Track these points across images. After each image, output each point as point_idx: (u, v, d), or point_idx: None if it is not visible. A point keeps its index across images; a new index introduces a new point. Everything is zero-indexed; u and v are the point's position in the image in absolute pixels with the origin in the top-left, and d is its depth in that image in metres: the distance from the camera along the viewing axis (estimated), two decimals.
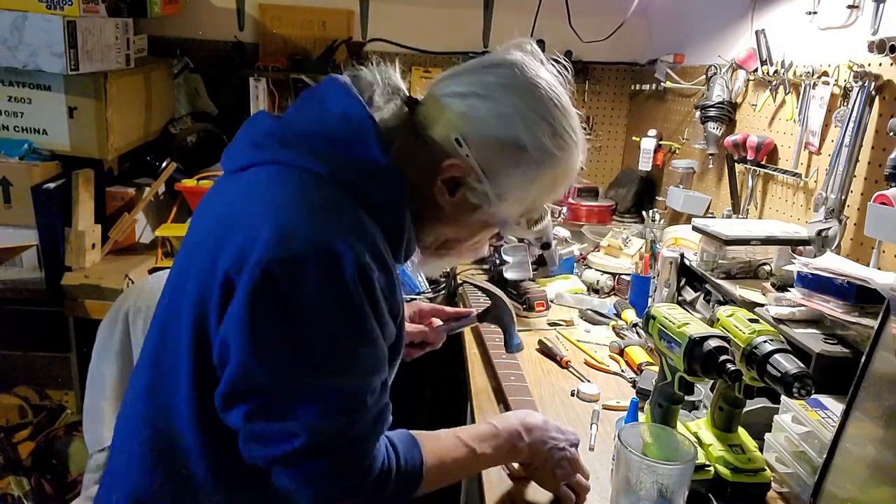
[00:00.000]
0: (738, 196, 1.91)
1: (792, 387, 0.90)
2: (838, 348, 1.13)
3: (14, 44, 1.84)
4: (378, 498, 0.84)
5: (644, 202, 2.61)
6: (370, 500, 0.84)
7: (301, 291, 0.77)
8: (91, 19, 1.95)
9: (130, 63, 2.20)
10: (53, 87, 1.99)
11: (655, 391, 1.08)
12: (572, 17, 2.56)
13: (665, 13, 2.60)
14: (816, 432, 1.01)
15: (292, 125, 0.89)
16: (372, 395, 0.84)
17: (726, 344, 0.97)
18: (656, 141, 2.44)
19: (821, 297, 1.21)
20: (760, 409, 1.16)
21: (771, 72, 1.76)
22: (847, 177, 1.41)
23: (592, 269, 2.07)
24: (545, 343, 1.60)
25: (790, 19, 1.74)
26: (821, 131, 1.55)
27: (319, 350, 0.79)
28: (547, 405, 1.34)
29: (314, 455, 0.79)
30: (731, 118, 1.98)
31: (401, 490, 0.87)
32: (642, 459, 0.89)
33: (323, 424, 0.79)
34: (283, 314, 0.78)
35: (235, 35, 2.71)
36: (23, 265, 2.07)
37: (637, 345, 1.57)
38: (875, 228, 1.23)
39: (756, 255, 1.52)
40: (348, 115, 0.86)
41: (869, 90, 1.37)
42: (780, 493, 1.06)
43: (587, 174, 2.99)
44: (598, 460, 1.16)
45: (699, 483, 1.01)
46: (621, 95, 2.94)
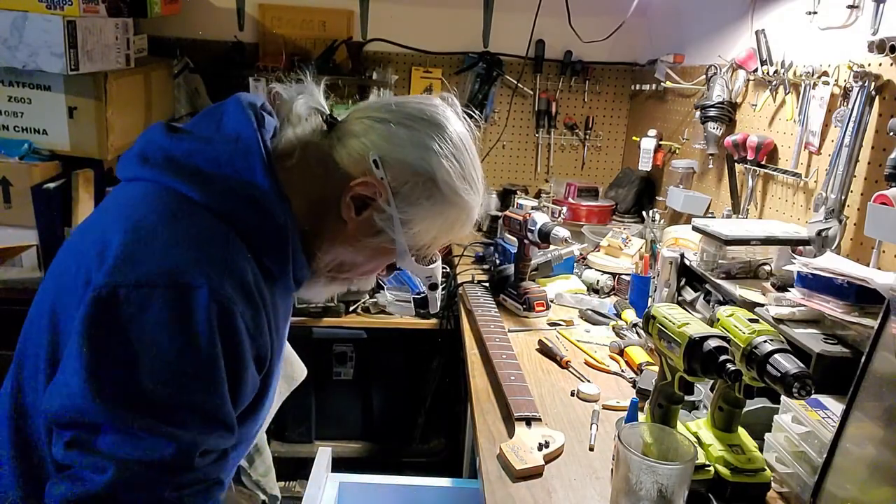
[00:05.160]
0: (738, 196, 1.91)
1: (792, 387, 0.90)
2: (838, 348, 1.13)
3: (14, 44, 1.84)
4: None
5: (644, 202, 2.61)
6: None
7: (141, 322, 0.73)
8: (91, 19, 1.95)
9: (130, 63, 2.20)
10: (53, 87, 1.99)
11: (655, 391, 1.08)
12: (572, 17, 2.56)
13: (665, 13, 2.60)
14: (816, 432, 1.01)
15: (183, 143, 0.87)
16: (202, 458, 0.77)
17: (726, 344, 0.97)
18: (656, 141, 2.44)
19: (821, 297, 1.21)
20: (760, 409, 1.16)
21: (771, 72, 1.76)
22: (847, 177, 1.41)
23: (592, 269, 2.07)
24: (545, 343, 1.60)
25: (790, 19, 1.74)
26: (821, 131, 1.55)
27: (147, 389, 0.73)
28: (547, 405, 1.34)
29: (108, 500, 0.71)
30: (731, 118, 1.98)
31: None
32: (642, 459, 0.89)
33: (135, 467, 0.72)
34: (117, 342, 0.73)
35: (235, 35, 2.71)
36: (23, 265, 2.07)
37: (637, 345, 1.57)
38: (875, 228, 1.23)
39: (756, 255, 1.52)
40: (240, 136, 0.87)
41: (869, 90, 1.37)
42: (780, 493, 1.06)
43: (587, 174, 3.00)
44: (598, 460, 1.16)
45: (699, 483, 1.01)
46: (621, 95, 2.94)
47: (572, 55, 2.84)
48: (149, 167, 0.86)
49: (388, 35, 2.77)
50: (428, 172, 0.90)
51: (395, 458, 2.63)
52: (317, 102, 0.96)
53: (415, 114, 0.93)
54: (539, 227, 1.76)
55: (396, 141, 0.90)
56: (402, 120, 0.92)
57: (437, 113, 0.94)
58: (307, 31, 2.77)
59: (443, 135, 0.92)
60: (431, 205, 0.91)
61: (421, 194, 0.91)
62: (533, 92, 2.90)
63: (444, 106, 0.96)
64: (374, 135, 0.91)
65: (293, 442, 2.57)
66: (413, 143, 0.90)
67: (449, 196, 0.91)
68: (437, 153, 0.90)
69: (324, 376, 2.46)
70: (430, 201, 0.91)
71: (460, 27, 2.78)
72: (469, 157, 0.94)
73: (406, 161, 0.90)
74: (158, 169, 0.85)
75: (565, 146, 2.99)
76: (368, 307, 2.24)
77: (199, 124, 0.92)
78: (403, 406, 2.57)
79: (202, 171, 0.84)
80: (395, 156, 0.90)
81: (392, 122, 0.91)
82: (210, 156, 0.86)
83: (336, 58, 2.68)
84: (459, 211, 0.94)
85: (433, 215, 0.92)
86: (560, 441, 1.18)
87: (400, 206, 0.90)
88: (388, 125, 0.91)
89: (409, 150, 0.90)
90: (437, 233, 0.95)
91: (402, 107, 0.94)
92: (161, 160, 0.86)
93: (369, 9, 2.70)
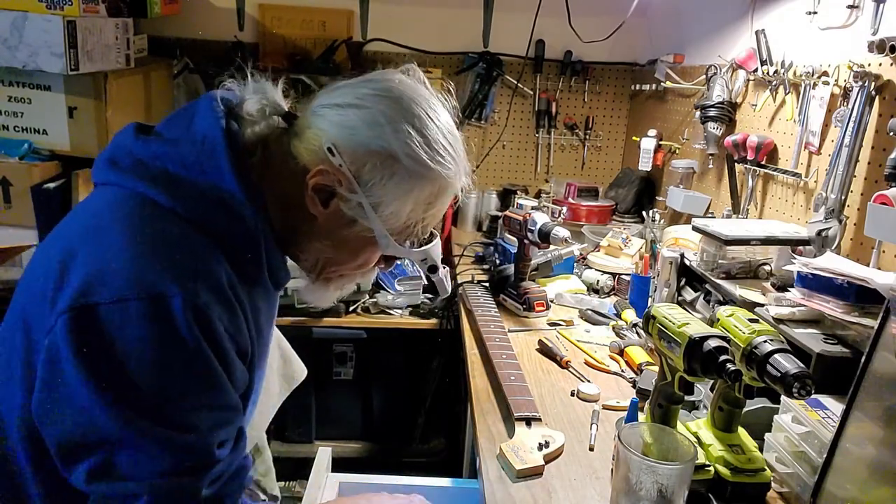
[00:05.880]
0: (738, 196, 1.91)
1: (792, 387, 0.90)
2: (838, 348, 1.13)
3: (14, 44, 1.84)
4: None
5: (644, 202, 2.61)
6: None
7: (125, 338, 0.72)
8: (91, 19, 1.95)
9: (130, 63, 2.20)
10: (53, 87, 1.99)
11: (655, 391, 1.08)
12: (572, 17, 2.56)
13: (665, 13, 2.60)
14: (816, 432, 1.01)
15: (151, 146, 0.85)
16: (222, 450, 0.78)
17: (726, 344, 0.97)
18: (656, 141, 2.44)
19: (821, 297, 1.21)
20: (760, 409, 1.16)
21: (771, 72, 1.75)
22: (847, 177, 1.41)
23: (592, 269, 2.08)
24: (545, 343, 1.60)
25: (790, 19, 1.74)
26: (821, 131, 1.55)
27: (151, 400, 0.73)
28: (547, 405, 1.34)
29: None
30: (731, 118, 1.98)
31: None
32: (642, 459, 0.89)
33: (166, 483, 0.73)
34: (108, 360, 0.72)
35: (235, 35, 2.71)
36: (23, 265, 2.07)
37: (637, 345, 1.57)
38: (875, 228, 1.23)
39: (756, 255, 1.52)
40: (207, 137, 0.84)
41: (869, 90, 1.37)
42: (780, 493, 1.06)
43: (587, 174, 3.00)
44: (598, 460, 1.16)
45: (699, 483, 1.01)
46: (621, 95, 2.94)
47: (572, 55, 2.84)
48: (118, 171, 0.84)
49: (388, 35, 2.77)
50: (385, 149, 0.85)
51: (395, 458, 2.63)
52: (271, 100, 0.93)
53: (367, 92, 0.88)
54: (539, 227, 1.77)
55: (348, 123, 0.86)
56: (354, 101, 0.88)
57: (392, 86, 0.89)
58: (307, 31, 2.77)
59: (398, 107, 0.87)
60: (398, 182, 0.86)
61: (384, 173, 0.86)
62: (533, 92, 2.90)
63: (401, 77, 0.92)
64: (325, 122, 0.87)
65: (293, 442, 2.57)
66: (365, 121, 0.86)
67: (415, 169, 0.86)
68: (393, 127, 0.85)
69: (324, 376, 2.46)
70: (396, 179, 0.86)
71: (460, 27, 2.78)
72: (436, 123, 0.89)
73: (360, 142, 0.86)
74: (127, 173, 0.83)
75: (565, 146, 2.99)
76: (368, 307, 2.24)
77: (171, 125, 0.89)
78: (403, 406, 2.57)
79: (170, 175, 0.82)
80: (350, 139, 0.86)
81: (343, 104, 0.88)
82: (177, 158, 0.83)
83: (336, 58, 2.68)
84: (432, 183, 0.89)
85: (403, 193, 0.87)
86: (560, 441, 1.18)
87: (366, 190, 0.86)
88: (338, 109, 0.88)
89: (362, 130, 0.86)
90: (414, 211, 0.90)
91: (355, 87, 0.90)
92: (129, 164, 0.84)
93: (369, 9, 2.69)
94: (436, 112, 0.90)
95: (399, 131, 0.85)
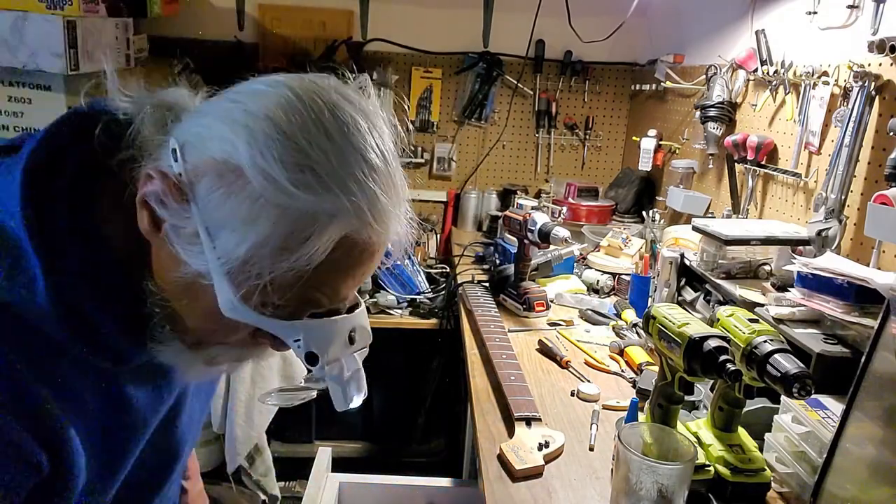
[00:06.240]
0: (738, 196, 1.91)
1: (792, 387, 0.90)
2: (838, 348, 1.13)
3: (14, 44, 1.84)
4: None
5: (644, 202, 2.61)
6: None
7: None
8: (91, 19, 1.95)
9: (130, 63, 2.20)
10: (53, 87, 1.99)
11: (655, 391, 1.08)
12: (572, 17, 2.56)
13: (665, 13, 2.60)
14: (816, 432, 1.01)
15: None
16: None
17: (726, 344, 0.97)
18: (656, 141, 2.44)
19: (821, 297, 1.21)
20: (760, 409, 1.16)
21: (771, 72, 1.76)
22: (847, 177, 1.41)
23: (592, 269, 2.08)
24: (545, 343, 1.60)
25: (790, 19, 1.74)
26: (821, 131, 1.55)
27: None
28: (547, 405, 1.34)
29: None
30: (731, 118, 1.98)
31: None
32: (642, 459, 0.89)
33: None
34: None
35: (235, 35, 2.71)
36: None
37: (637, 345, 1.58)
38: (875, 228, 1.23)
39: (756, 255, 1.52)
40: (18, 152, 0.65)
41: (869, 90, 1.37)
42: (780, 493, 1.06)
43: (587, 174, 3.00)
44: (598, 460, 1.16)
45: (699, 483, 1.01)
46: (621, 95, 2.94)
47: (572, 55, 2.84)
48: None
49: (388, 35, 2.77)
50: (232, 158, 0.60)
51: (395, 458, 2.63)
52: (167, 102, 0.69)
53: (257, 88, 0.65)
54: (539, 227, 1.77)
55: (206, 121, 0.64)
56: (237, 94, 0.65)
57: (297, 83, 0.64)
58: (307, 31, 2.77)
59: (279, 107, 0.61)
60: (238, 205, 0.60)
61: (222, 190, 0.61)
62: (533, 92, 2.90)
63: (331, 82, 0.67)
64: (186, 118, 0.66)
65: (293, 442, 2.57)
66: (223, 119, 0.62)
67: (269, 194, 0.59)
68: (251, 129, 0.60)
69: None
70: (235, 200, 0.60)
71: (460, 27, 2.78)
72: (332, 144, 0.61)
73: (207, 145, 0.62)
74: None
75: (565, 146, 2.99)
76: (369, 307, 2.24)
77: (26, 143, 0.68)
78: (403, 406, 2.57)
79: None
80: (199, 140, 0.63)
81: (226, 98, 0.65)
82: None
83: (336, 58, 2.68)
84: (295, 219, 0.60)
85: (246, 222, 0.60)
86: (560, 441, 1.18)
87: (202, 209, 0.62)
88: (215, 103, 0.66)
89: (215, 129, 0.62)
90: (261, 252, 0.61)
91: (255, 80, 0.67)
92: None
93: (369, 9, 2.70)
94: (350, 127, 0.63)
95: (256, 135, 0.60)
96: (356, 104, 0.65)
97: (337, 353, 0.70)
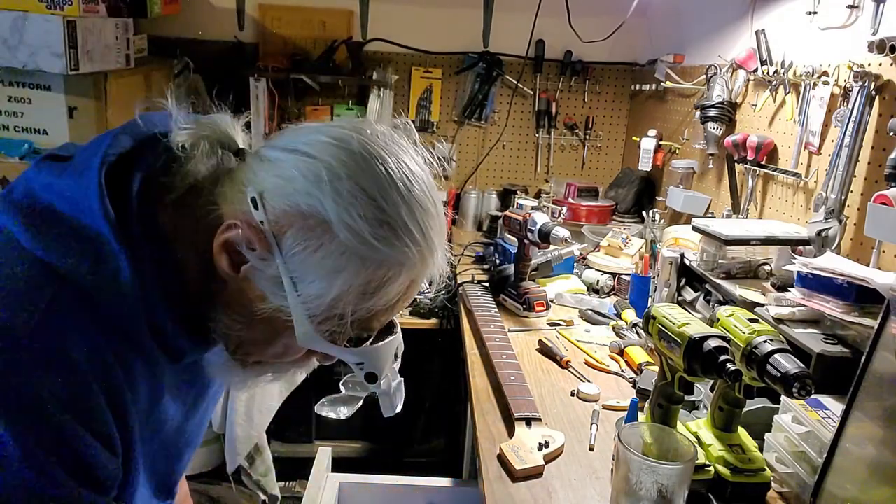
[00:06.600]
0: (738, 196, 1.91)
1: (792, 387, 0.90)
2: (838, 348, 1.13)
3: (14, 44, 1.84)
4: None
5: (644, 202, 2.62)
6: None
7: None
8: (91, 19, 1.95)
9: (130, 63, 2.20)
10: (53, 87, 1.99)
11: (655, 391, 1.08)
12: (572, 17, 2.56)
13: (665, 13, 2.60)
14: (816, 432, 1.01)
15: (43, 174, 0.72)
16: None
17: (726, 344, 0.97)
18: (656, 141, 2.45)
19: (821, 297, 1.21)
20: (760, 409, 1.16)
21: (771, 72, 1.76)
22: (847, 177, 1.41)
23: (592, 269, 2.08)
24: (545, 343, 1.60)
25: (790, 19, 1.74)
26: (821, 131, 1.55)
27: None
28: (547, 405, 1.34)
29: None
30: (731, 118, 1.98)
31: None
32: (642, 459, 0.89)
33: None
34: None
35: (235, 35, 2.71)
36: None
37: (637, 345, 1.58)
38: (875, 228, 1.23)
39: (756, 255, 1.52)
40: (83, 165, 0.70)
41: (869, 90, 1.37)
42: (780, 493, 1.06)
43: (587, 174, 3.00)
44: (598, 460, 1.16)
45: (699, 483, 1.01)
46: (621, 95, 2.94)
47: (572, 55, 2.84)
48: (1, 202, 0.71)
49: (388, 35, 2.77)
50: (318, 213, 0.67)
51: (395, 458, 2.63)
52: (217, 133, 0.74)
53: (322, 138, 0.70)
54: (539, 227, 1.77)
55: (286, 173, 0.69)
56: (303, 146, 0.70)
57: (358, 139, 0.70)
58: (307, 31, 2.77)
59: (353, 161, 0.68)
60: (323, 257, 0.67)
61: (309, 243, 0.68)
62: (533, 92, 2.90)
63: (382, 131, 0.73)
64: (262, 166, 0.71)
65: (293, 442, 2.57)
66: (305, 174, 0.68)
67: (353, 246, 0.67)
68: (335, 186, 0.67)
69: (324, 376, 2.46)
70: (322, 252, 0.67)
71: (460, 27, 2.78)
72: (404, 197, 0.69)
73: (291, 198, 0.68)
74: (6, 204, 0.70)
75: (565, 146, 2.99)
76: None
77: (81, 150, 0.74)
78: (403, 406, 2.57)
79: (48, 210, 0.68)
80: (281, 192, 0.68)
81: (290, 148, 0.70)
82: (58, 190, 0.70)
83: (336, 58, 2.68)
84: (375, 267, 0.68)
85: (331, 273, 0.68)
86: (560, 441, 1.18)
87: (286, 259, 0.68)
88: (282, 153, 0.70)
89: (298, 183, 0.68)
90: (344, 298, 0.69)
91: (314, 130, 0.73)
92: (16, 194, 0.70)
93: (369, 9, 2.69)
94: (409, 178, 0.70)
95: (342, 194, 0.67)
96: (407, 152, 0.73)
97: (387, 370, 0.82)
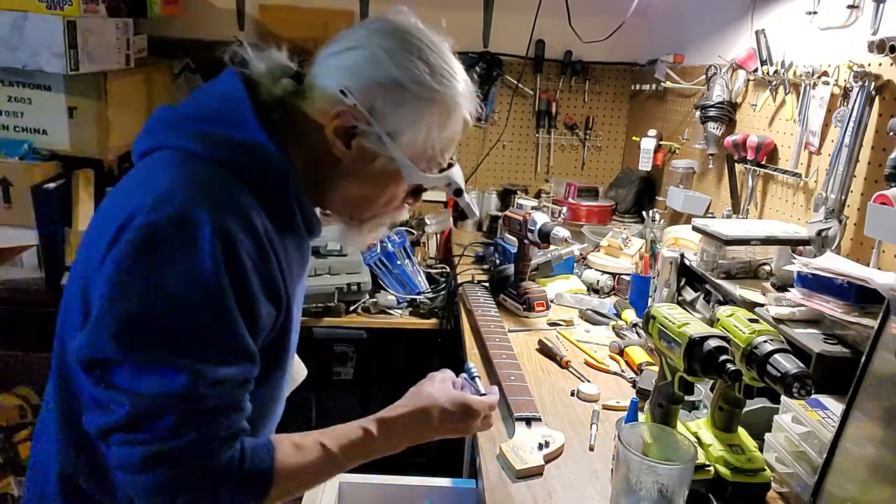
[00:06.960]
0: (738, 196, 1.91)
1: (792, 387, 0.90)
2: (838, 348, 1.13)
3: (14, 44, 1.84)
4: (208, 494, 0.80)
5: (644, 202, 2.62)
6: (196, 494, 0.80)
7: (148, 261, 0.77)
8: (91, 19, 1.95)
9: (130, 63, 2.20)
10: (53, 87, 1.99)
11: (655, 391, 1.08)
12: (572, 17, 2.56)
13: (665, 13, 2.60)
14: (816, 432, 1.01)
15: (178, 110, 0.94)
16: (218, 387, 0.80)
17: (726, 344, 0.97)
18: (656, 141, 2.45)
19: (821, 297, 1.21)
20: (760, 409, 1.16)
21: (771, 72, 1.76)
22: (847, 177, 1.41)
23: (592, 269, 2.08)
24: (545, 343, 1.60)
25: (790, 19, 1.74)
26: (821, 131, 1.55)
27: (155, 323, 0.77)
28: (547, 405, 1.34)
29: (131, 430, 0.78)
30: (731, 118, 1.98)
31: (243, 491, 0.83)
32: (642, 459, 0.89)
33: (148, 402, 0.77)
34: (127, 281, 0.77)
35: (235, 35, 2.71)
36: (23, 265, 2.07)
37: (637, 345, 1.58)
38: (875, 228, 1.23)
39: (756, 255, 1.52)
40: (224, 93, 0.92)
41: (869, 90, 1.37)
42: (780, 493, 1.06)
43: (587, 174, 3.00)
44: (598, 460, 1.16)
45: (699, 483, 1.01)
46: (621, 95, 2.94)
47: (572, 55, 2.84)
48: (153, 137, 0.91)
49: None
50: (392, 79, 0.91)
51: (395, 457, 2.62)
52: (277, 63, 0.98)
53: (363, 33, 0.94)
54: (539, 227, 1.77)
55: (351, 64, 0.92)
56: (351, 44, 0.93)
57: (385, 23, 0.95)
58: (307, 31, 2.76)
59: (395, 39, 0.93)
60: (410, 109, 0.92)
61: (395, 102, 0.91)
62: (533, 92, 2.90)
63: (394, 15, 0.98)
64: (330, 71, 0.93)
65: None
66: (368, 59, 0.92)
67: (424, 94, 0.92)
68: (393, 57, 0.91)
69: (324, 376, 2.46)
70: (406, 106, 0.91)
71: (460, 27, 2.76)
72: (436, 51, 0.95)
73: (368, 78, 0.91)
74: (161, 135, 0.91)
75: (565, 146, 2.99)
76: (369, 307, 2.24)
77: (196, 94, 0.97)
78: None
79: (199, 129, 0.88)
80: (357, 78, 0.91)
81: (341, 50, 0.94)
82: (201, 116, 0.91)
83: None
84: (441, 105, 0.93)
85: (416, 118, 0.92)
86: (560, 441, 1.18)
87: (381, 121, 0.91)
88: (338, 56, 0.94)
89: (366, 67, 0.91)
90: (429, 135, 0.94)
91: (351, 33, 0.96)
92: (162, 128, 0.92)
93: (369, 9, 2.70)
94: (431, 40, 0.96)
95: (399, 60, 0.91)
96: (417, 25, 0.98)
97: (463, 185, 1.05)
